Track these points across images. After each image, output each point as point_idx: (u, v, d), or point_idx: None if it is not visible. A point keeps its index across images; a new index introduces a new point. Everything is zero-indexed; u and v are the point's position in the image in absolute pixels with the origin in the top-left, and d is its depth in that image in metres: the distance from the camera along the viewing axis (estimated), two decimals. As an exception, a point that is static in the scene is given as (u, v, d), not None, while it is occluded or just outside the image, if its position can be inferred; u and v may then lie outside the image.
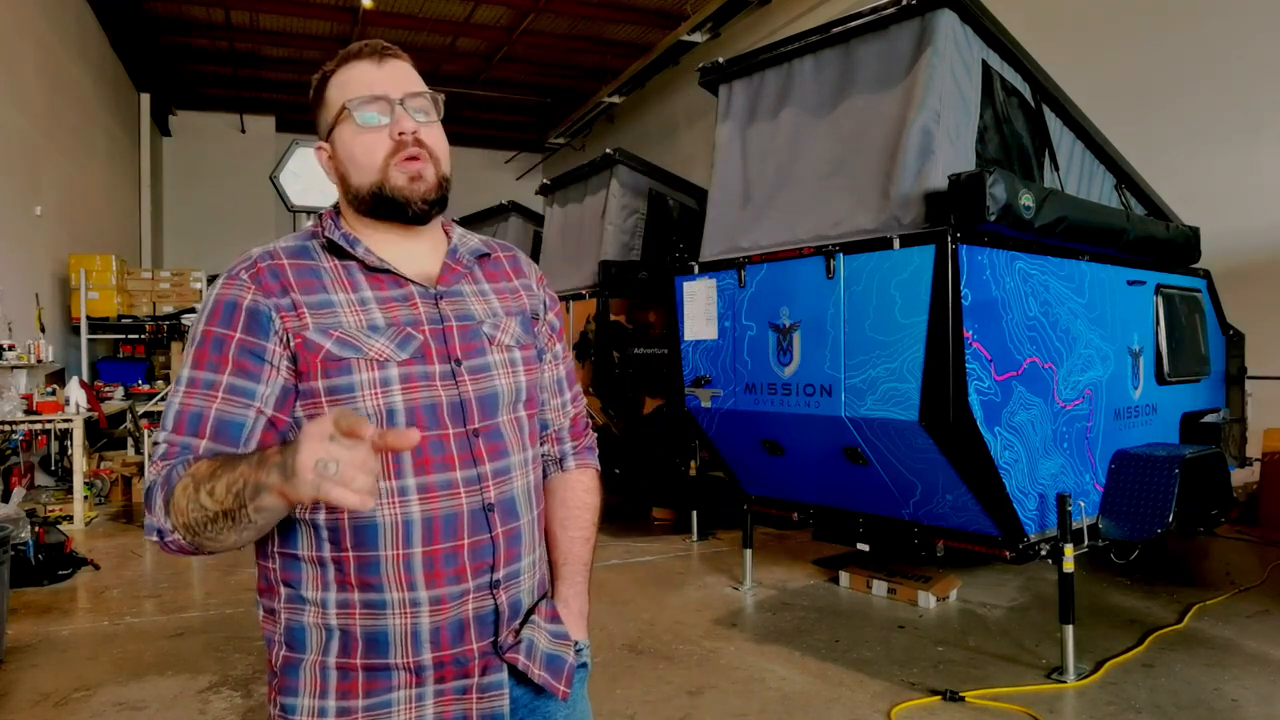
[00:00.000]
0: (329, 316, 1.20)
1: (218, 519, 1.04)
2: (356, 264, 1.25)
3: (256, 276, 1.21)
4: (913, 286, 3.62)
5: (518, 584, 1.28)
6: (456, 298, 1.29)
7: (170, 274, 10.98)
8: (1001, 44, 4.18)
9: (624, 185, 7.02)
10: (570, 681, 1.33)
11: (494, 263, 1.40)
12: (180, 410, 1.17)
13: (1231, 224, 6.55)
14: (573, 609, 1.41)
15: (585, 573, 1.46)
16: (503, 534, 1.25)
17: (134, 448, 8.18)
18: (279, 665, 1.24)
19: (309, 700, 1.21)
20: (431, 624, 1.20)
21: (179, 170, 17.47)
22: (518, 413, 1.32)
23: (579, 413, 1.52)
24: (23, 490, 7.06)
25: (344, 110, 1.24)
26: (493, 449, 1.26)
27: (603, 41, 14.06)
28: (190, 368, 1.19)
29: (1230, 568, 5.41)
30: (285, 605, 1.24)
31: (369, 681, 1.20)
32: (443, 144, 1.28)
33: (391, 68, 1.26)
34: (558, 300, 1.50)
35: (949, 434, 3.58)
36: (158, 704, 3.59)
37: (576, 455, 1.50)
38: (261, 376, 1.18)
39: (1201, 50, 7.18)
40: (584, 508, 1.47)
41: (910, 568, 5.11)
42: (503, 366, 1.30)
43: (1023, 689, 3.59)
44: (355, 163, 1.25)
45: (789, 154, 4.37)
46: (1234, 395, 5.69)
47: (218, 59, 14.93)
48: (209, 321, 1.20)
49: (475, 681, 1.24)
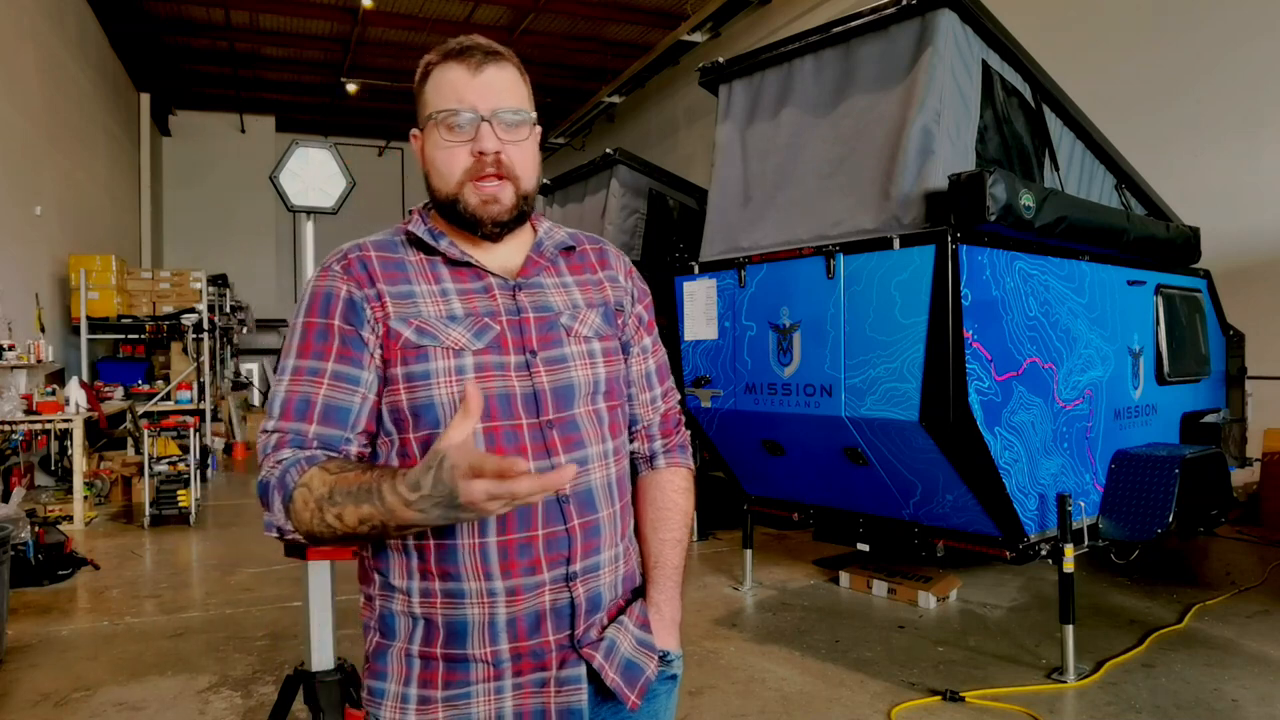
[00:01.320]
0: (410, 306, 1.22)
1: (349, 538, 1.10)
2: (440, 258, 1.27)
3: (347, 268, 1.24)
4: (913, 286, 3.62)
5: (597, 578, 1.27)
6: (535, 289, 1.29)
7: (170, 274, 10.98)
8: (1001, 44, 4.18)
9: (624, 185, 7.02)
10: (642, 694, 1.30)
11: (579, 255, 1.39)
12: (287, 398, 1.20)
13: (1231, 224, 6.56)
14: (665, 616, 1.39)
15: (677, 578, 1.43)
16: (579, 526, 1.24)
17: (134, 448, 8.18)
18: (371, 650, 1.28)
19: (394, 686, 1.24)
20: (508, 614, 1.20)
21: (179, 170, 17.47)
22: (596, 405, 1.30)
23: (670, 409, 1.49)
24: (23, 490, 7.06)
25: (432, 116, 1.24)
26: (568, 440, 1.24)
27: (603, 41, 14.06)
28: (294, 357, 1.22)
29: (1230, 568, 5.41)
30: (379, 593, 1.27)
31: (448, 672, 1.22)
32: (526, 161, 1.25)
33: (486, 77, 1.22)
34: (648, 293, 1.46)
35: (949, 434, 3.58)
36: (158, 704, 3.59)
37: (667, 454, 1.47)
38: (363, 363, 1.21)
39: (1202, 50, 7.18)
40: (675, 509, 1.44)
41: (910, 568, 5.11)
42: (580, 358, 1.28)
43: (1023, 689, 3.59)
44: (436, 170, 1.25)
45: (789, 154, 4.37)
46: (1234, 395, 5.69)
47: (218, 59, 14.94)
48: (308, 313, 1.23)
49: (553, 675, 1.23)
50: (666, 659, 1.37)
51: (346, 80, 15.35)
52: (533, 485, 0.94)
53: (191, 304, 10.59)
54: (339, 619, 2.71)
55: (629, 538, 1.36)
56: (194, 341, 10.42)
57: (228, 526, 7.39)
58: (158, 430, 7.53)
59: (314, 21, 13.41)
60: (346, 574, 5.97)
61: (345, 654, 2.73)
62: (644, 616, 1.35)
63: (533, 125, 1.26)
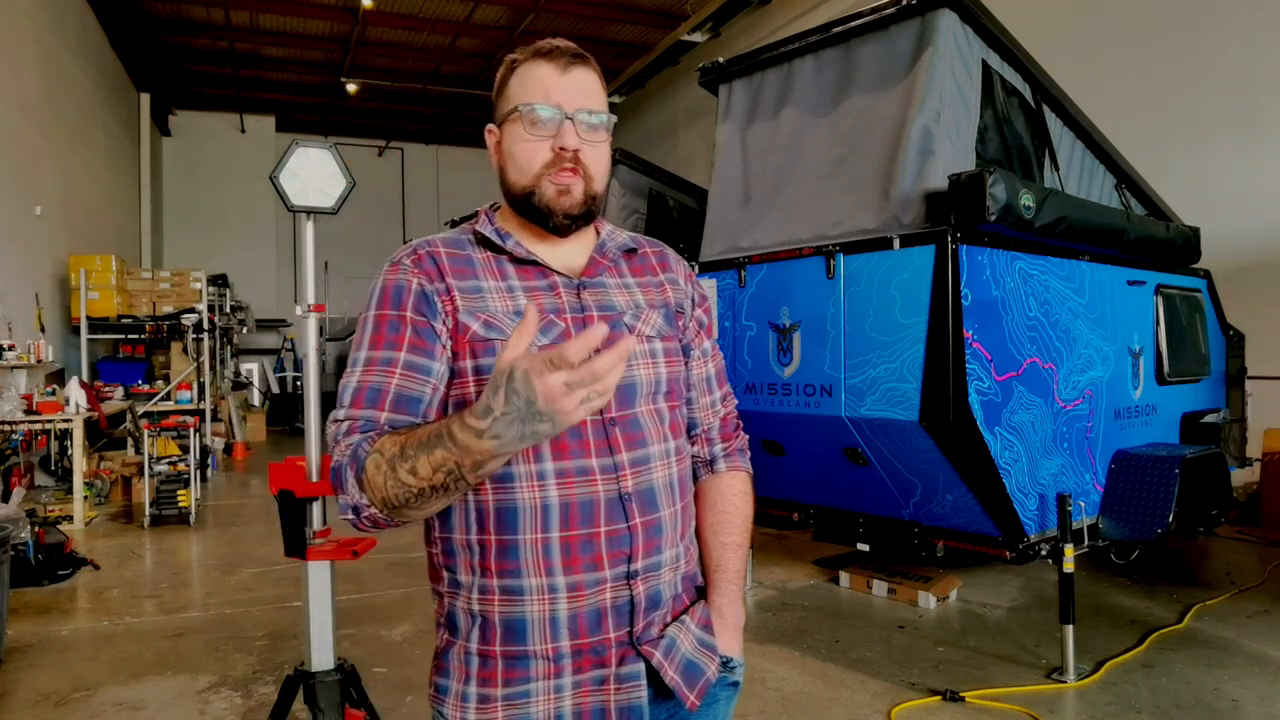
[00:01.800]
0: (478, 300, 1.24)
1: (425, 494, 1.08)
2: (506, 256, 1.29)
3: (418, 262, 1.26)
4: (913, 286, 3.62)
5: (657, 577, 1.27)
6: (599, 289, 1.31)
7: (170, 274, 10.98)
8: (1001, 44, 4.18)
9: (624, 185, 7.01)
10: (702, 694, 1.30)
11: (640, 258, 1.41)
12: (359, 386, 1.21)
13: (1231, 224, 6.56)
14: (728, 621, 1.39)
15: (739, 582, 1.43)
16: (641, 525, 1.24)
17: (134, 448, 8.18)
18: (440, 646, 1.30)
19: (456, 684, 1.25)
20: (569, 611, 1.21)
21: (179, 170, 17.47)
22: (658, 404, 1.31)
23: (729, 413, 1.49)
24: (23, 490, 7.06)
25: (517, 109, 1.25)
26: (630, 438, 1.25)
27: (603, 41, 14.06)
28: (366, 349, 1.23)
29: (1230, 568, 5.41)
30: (447, 590, 1.28)
31: (507, 669, 1.23)
32: (601, 163, 1.28)
33: (573, 77, 1.25)
34: (708, 298, 1.48)
35: (949, 434, 3.58)
36: (158, 704, 3.59)
37: (727, 457, 1.47)
38: (435, 354, 1.23)
39: (1202, 50, 7.18)
40: (735, 513, 1.44)
41: (910, 568, 5.11)
42: (642, 357, 1.29)
43: (1023, 689, 3.59)
44: (514, 162, 1.27)
45: (789, 154, 4.37)
46: (1234, 395, 5.69)
47: (218, 59, 14.94)
48: (380, 306, 1.25)
49: (612, 672, 1.24)
50: (729, 665, 1.37)
51: (346, 80, 15.35)
52: (613, 358, 0.91)
53: (191, 304, 10.58)
54: (339, 619, 2.71)
55: (689, 538, 1.36)
56: (194, 341, 10.42)
57: (228, 526, 7.39)
58: (158, 430, 7.53)
59: (314, 21, 13.41)
60: (346, 574, 5.95)
61: (345, 654, 2.73)
62: (706, 618, 1.35)
63: (609, 130, 1.29)
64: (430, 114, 18.20)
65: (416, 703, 3.56)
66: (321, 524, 2.68)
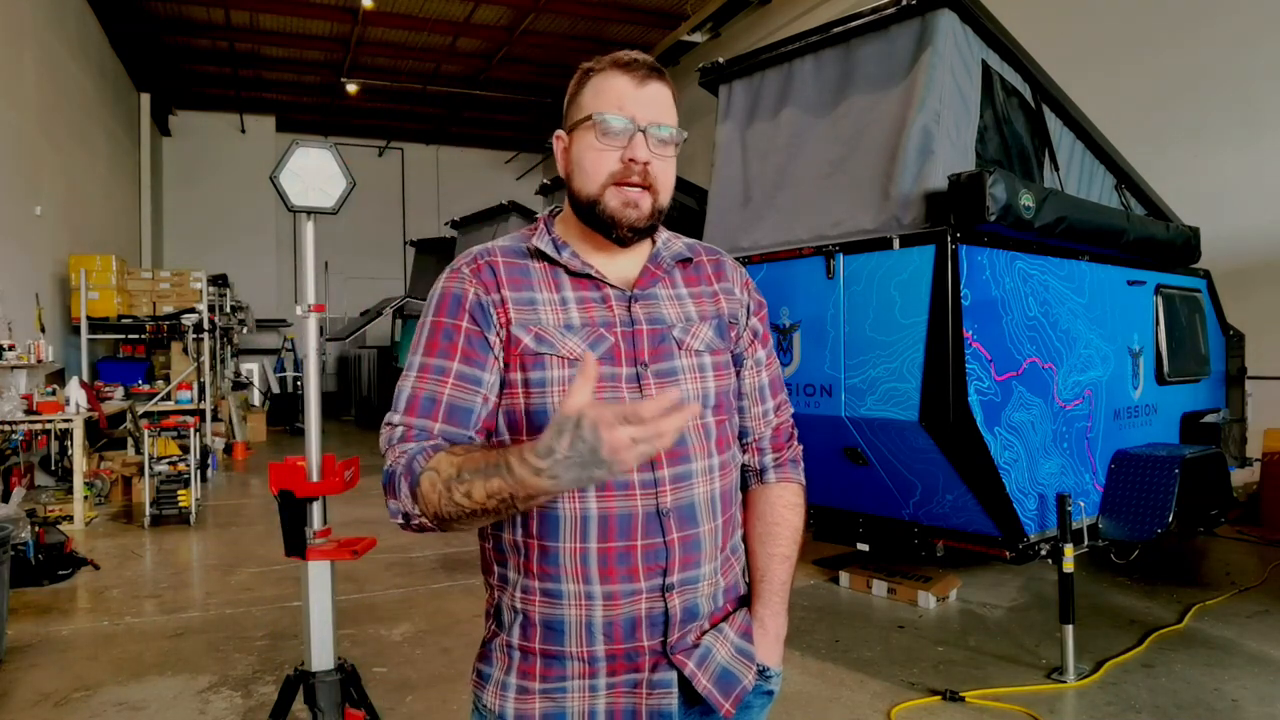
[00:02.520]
0: (530, 313, 1.26)
1: (476, 514, 1.12)
2: (562, 268, 1.30)
3: (477, 272, 1.28)
4: (913, 286, 3.62)
5: (694, 590, 1.27)
6: (650, 301, 1.31)
7: (170, 274, 10.98)
8: (1001, 44, 4.18)
9: (624, 185, 7.01)
10: (737, 703, 1.30)
11: (695, 267, 1.40)
12: (413, 394, 1.25)
13: (1231, 224, 6.56)
14: (769, 632, 1.39)
15: (784, 593, 1.43)
16: (678, 540, 1.25)
17: (134, 448, 8.18)
18: (486, 636, 1.35)
19: (498, 673, 1.30)
20: (605, 618, 1.23)
21: (179, 170, 17.46)
22: (704, 419, 1.30)
23: (783, 422, 1.48)
24: (23, 490, 7.06)
25: (590, 118, 1.26)
26: (673, 454, 1.25)
27: (603, 42, 14.05)
28: (421, 354, 1.26)
29: (1230, 568, 5.41)
30: (497, 583, 1.32)
31: (545, 667, 1.26)
32: (668, 178, 1.29)
33: (649, 92, 1.26)
34: (764, 305, 1.47)
35: (949, 434, 3.58)
36: (158, 704, 3.59)
37: (778, 468, 1.46)
38: (487, 365, 1.25)
39: (1202, 50, 7.18)
40: (784, 524, 1.43)
41: (910, 568, 5.11)
42: (690, 371, 1.30)
43: (1023, 689, 3.59)
44: (582, 170, 1.27)
45: (789, 154, 4.37)
46: (1234, 395, 5.69)
47: (218, 59, 14.93)
48: (437, 313, 1.28)
49: (645, 677, 1.26)
50: (766, 674, 1.38)
51: (346, 80, 15.35)
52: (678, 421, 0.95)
53: (191, 304, 10.58)
54: (339, 619, 2.71)
55: (731, 549, 1.36)
56: (194, 341, 10.42)
57: (228, 526, 7.39)
58: (158, 430, 7.53)
59: (314, 21, 13.41)
60: (346, 574, 5.95)
61: (345, 654, 2.73)
62: (747, 625, 1.36)
63: (679, 145, 1.30)
64: (430, 114, 18.19)
65: (416, 703, 3.56)
66: (321, 524, 2.68)
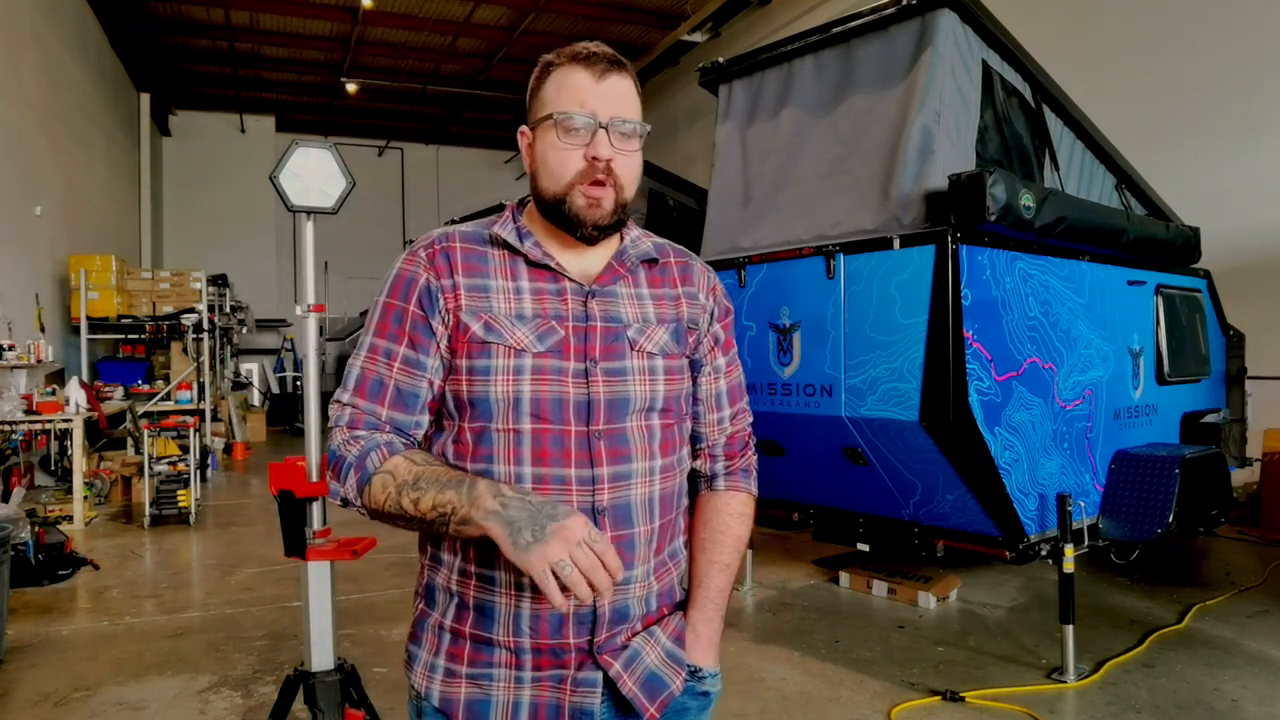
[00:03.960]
0: (482, 300, 1.26)
1: (414, 522, 1.19)
2: (522, 257, 1.30)
3: (432, 257, 1.29)
4: (913, 286, 3.62)
5: (625, 591, 1.27)
6: (609, 298, 1.30)
7: (170, 274, 10.98)
8: (1001, 44, 4.18)
9: (624, 185, 7.01)
10: (663, 708, 1.29)
11: (661, 269, 1.39)
12: (362, 375, 1.27)
13: (1231, 224, 6.55)
14: (701, 636, 1.39)
15: (721, 601, 1.42)
16: (611, 540, 1.23)
17: (134, 448, 8.18)
18: (416, 615, 1.36)
19: (425, 654, 1.31)
20: (532, 611, 1.24)
21: (179, 170, 17.47)
22: (649, 420, 1.30)
23: (738, 431, 1.47)
24: (23, 490, 7.07)
25: (551, 117, 1.25)
26: (614, 453, 1.25)
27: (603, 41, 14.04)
28: (372, 335, 1.29)
29: (1230, 568, 5.41)
30: (429, 563, 1.33)
31: (474, 651, 1.27)
32: (632, 172, 1.28)
33: (608, 85, 1.26)
34: (730, 312, 1.46)
35: (949, 434, 3.58)
36: (158, 704, 3.59)
37: (729, 476, 1.45)
38: (430, 350, 1.27)
39: (1202, 50, 7.18)
40: (728, 532, 1.42)
41: (910, 568, 5.11)
42: (640, 373, 1.29)
43: (1023, 689, 3.59)
44: (546, 168, 1.27)
45: (789, 154, 4.37)
46: (1234, 395, 5.69)
47: (218, 59, 14.93)
48: (390, 294, 1.29)
49: (570, 674, 1.26)
50: (699, 675, 1.37)
51: (346, 80, 15.35)
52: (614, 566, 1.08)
53: (191, 304, 10.58)
54: (339, 619, 2.71)
55: (669, 554, 1.35)
56: (194, 341, 10.42)
57: (228, 526, 7.39)
58: (158, 430, 7.53)
59: (314, 21, 13.41)
60: (346, 574, 5.95)
61: (345, 654, 2.73)
62: (679, 630, 1.36)
63: (642, 138, 1.29)
64: (430, 114, 18.19)
65: (416, 703, 3.56)
66: (321, 524, 2.68)
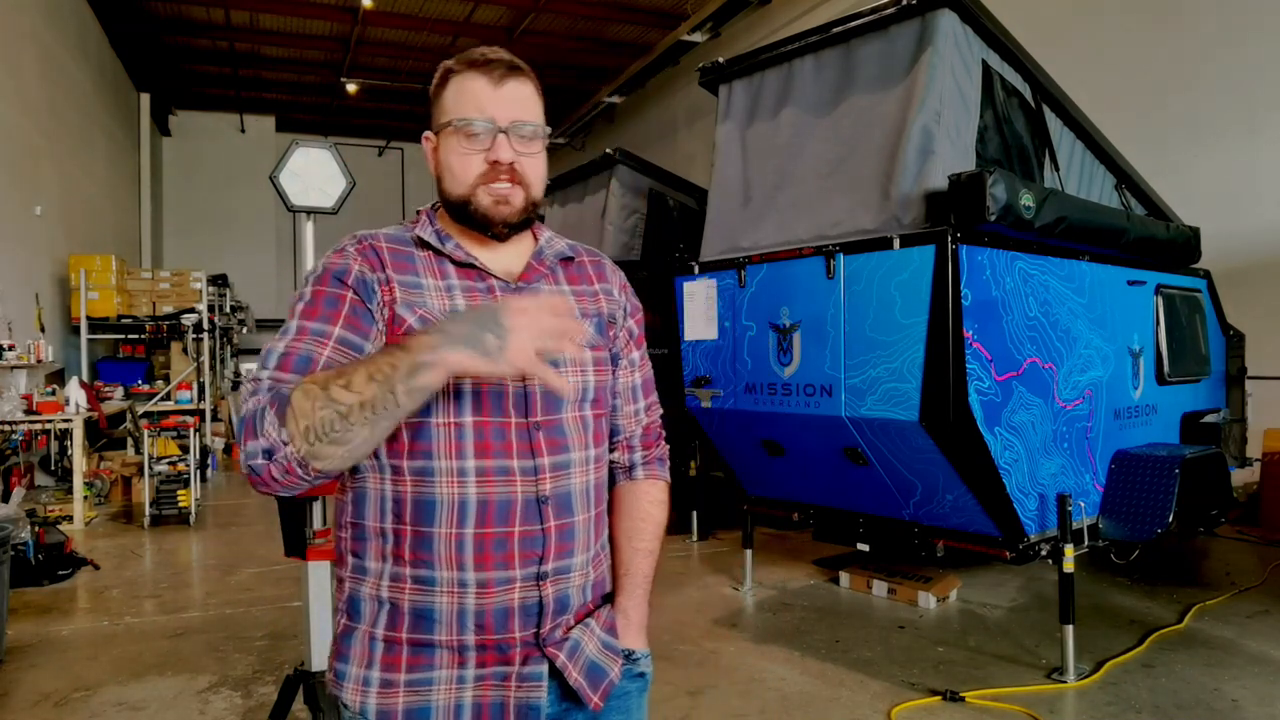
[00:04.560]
0: (417, 296, 1.26)
1: (353, 411, 1.06)
2: (446, 258, 1.31)
3: (362, 252, 1.28)
4: (913, 286, 3.62)
5: (567, 580, 1.30)
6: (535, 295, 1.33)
7: (170, 274, 10.99)
8: (1001, 44, 4.17)
9: (624, 185, 7.02)
10: (605, 695, 1.33)
11: (577, 266, 1.43)
12: (288, 351, 1.18)
13: (1231, 224, 6.55)
14: (632, 621, 1.43)
15: (647, 586, 1.47)
16: (555, 528, 1.27)
17: (134, 448, 8.18)
18: (339, 632, 1.32)
19: (356, 669, 1.27)
20: (477, 606, 1.24)
21: (179, 170, 17.47)
22: (583, 411, 1.34)
23: (652, 422, 1.52)
24: (23, 490, 7.07)
25: (451, 123, 1.28)
26: (553, 444, 1.28)
27: (603, 41, 14.06)
28: (300, 319, 1.22)
29: (1230, 568, 5.41)
30: (350, 575, 1.31)
31: (412, 656, 1.25)
32: (537, 171, 1.31)
33: (507, 90, 1.27)
34: (640, 308, 1.51)
35: (949, 434, 3.58)
36: (158, 704, 3.59)
37: (646, 466, 1.50)
38: (369, 336, 1.24)
39: (1201, 50, 7.18)
40: (649, 520, 1.48)
41: (910, 568, 5.11)
42: (571, 364, 1.33)
43: (1023, 689, 3.59)
44: (450, 172, 1.29)
45: (789, 154, 4.37)
46: (1234, 395, 5.69)
47: (218, 59, 14.93)
48: (319, 283, 1.25)
49: (515, 670, 1.27)
50: (633, 658, 1.41)
51: (346, 80, 15.35)
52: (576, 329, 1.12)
53: (191, 304, 10.59)
54: (339, 619, 2.70)
55: (601, 545, 1.39)
56: (194, 341, 10.42)
57: (228, 526, 7.39)
58: (158, 430, 7.53)
59: (314, 21, 13.41)
60: (346, 574, 5.91)
61: (345, 654, 2.72)
62: (610, 620, 1.39)
63: (545, 139, 1.31)
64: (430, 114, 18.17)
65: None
66: (321, 524, 2.68)
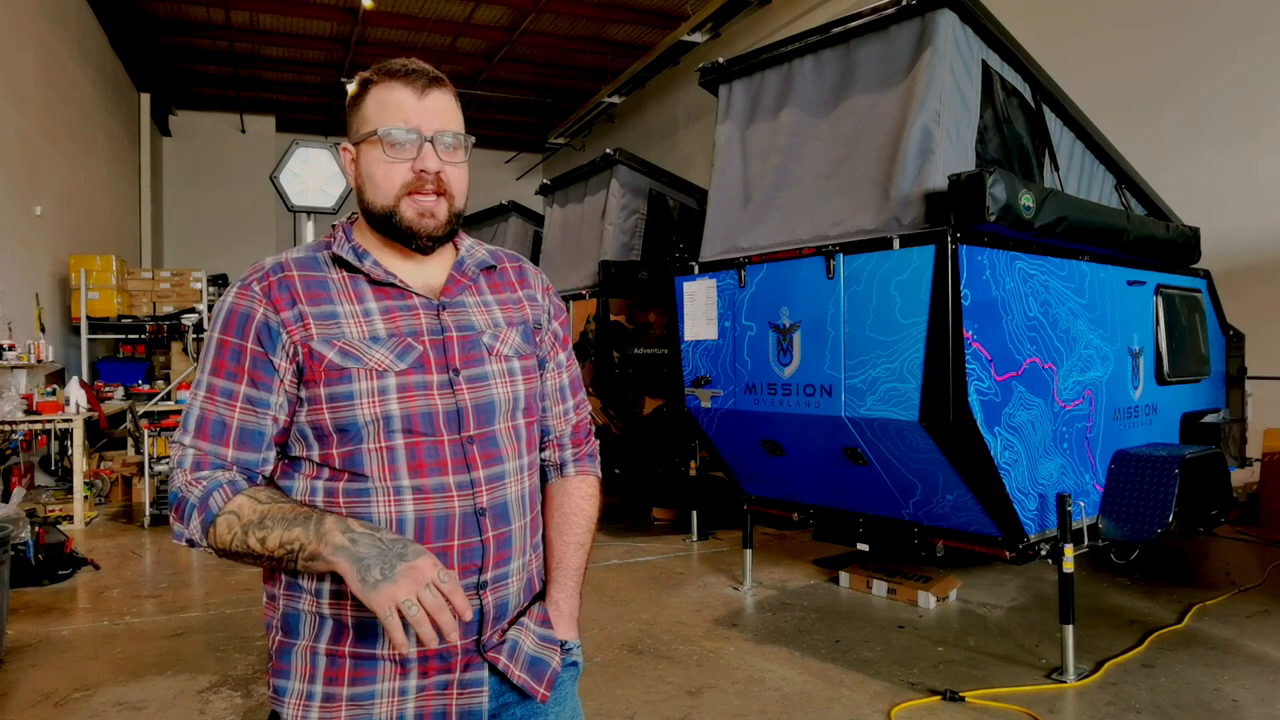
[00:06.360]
0: (333, 327, 1.26)
1: (261, 559, 1.20)
2: (363, 276, 1.30)
3: (268, 290, 1.27)
4: (913, 286, 3.62)
5: (505, 586, 1.32)
6: (459, 308, 1.34)
7: (170, 274, 10.98)
8: (1001, 44, 4.17)
9: (624, 185, 7.02)
10: (551, 685, 1.37)
11: (499, 274, 1.44)
12: (202, 415, 1.26)
13: (1231, 224, 6.56)
14: (564, 612, 1.45)
15: (578, 578, 1.50)
16: (493, 538, 1.29)
17: (134, 448, 8.18)
18: (274, 649, 1.31)
19: (298, 684, 1.28)
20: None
21: (179, 170, 17.46)
22: (515, 421, 1.35)
23: (581, 420, 1.55)
24: (23, 490, 7.06)
25: (375, 133, 1.28)
26: (487, 456, 1.30)
27: (603, 41, 14.06)
28: (209, 374, 1.27)
29: (1230, 568, 5.41)
30: (284, 592, 1.30)
31: (355, 670, 1.26)
32: (461, 182, 1.32)
33: (430, 101, 1.28)
34: (564, 310, 1.53)
35: (949, 434, 3.58)
36: (158, 704, 3.59)
37: (577, 462, 1.53)
38: (273, 388, 1.26)
39: (1202, 51, 7.18)
40: (580, 514, 1.51)
41: (910, 568, 5.11)
42: (500, 376, 1.33)
43: (1023, 689, 3.59)
44: (373, 183, 1.29)
45: (789, 154, 4.37)
46: (1234, 395, 5.69)
47: (218, 59, 14.93)
48: (224, 330, 1.27)
49: (456, 677, 1.28)
50: (565, 647, 1.43)
51: (346, 80, 15.34)
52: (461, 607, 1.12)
53: (191, 304, 10.59)
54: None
55: (534, 546, 1.41)
56: (194, 341, 10.42)
57: (228, 526, 7.38)
58: (158, 430, 7.52)
59: (314, 21, 13.41)
60: (346, 574, 5.92)
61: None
62: (543, 614, 1.41)
63: (468, 150, 1.32)
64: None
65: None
66: (321, 524, 2.67)
